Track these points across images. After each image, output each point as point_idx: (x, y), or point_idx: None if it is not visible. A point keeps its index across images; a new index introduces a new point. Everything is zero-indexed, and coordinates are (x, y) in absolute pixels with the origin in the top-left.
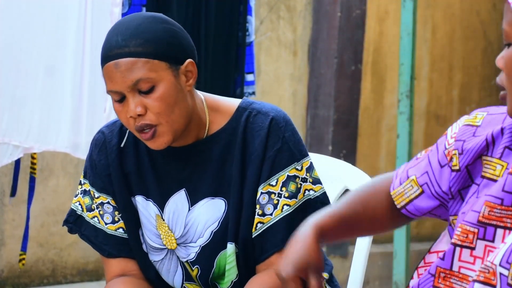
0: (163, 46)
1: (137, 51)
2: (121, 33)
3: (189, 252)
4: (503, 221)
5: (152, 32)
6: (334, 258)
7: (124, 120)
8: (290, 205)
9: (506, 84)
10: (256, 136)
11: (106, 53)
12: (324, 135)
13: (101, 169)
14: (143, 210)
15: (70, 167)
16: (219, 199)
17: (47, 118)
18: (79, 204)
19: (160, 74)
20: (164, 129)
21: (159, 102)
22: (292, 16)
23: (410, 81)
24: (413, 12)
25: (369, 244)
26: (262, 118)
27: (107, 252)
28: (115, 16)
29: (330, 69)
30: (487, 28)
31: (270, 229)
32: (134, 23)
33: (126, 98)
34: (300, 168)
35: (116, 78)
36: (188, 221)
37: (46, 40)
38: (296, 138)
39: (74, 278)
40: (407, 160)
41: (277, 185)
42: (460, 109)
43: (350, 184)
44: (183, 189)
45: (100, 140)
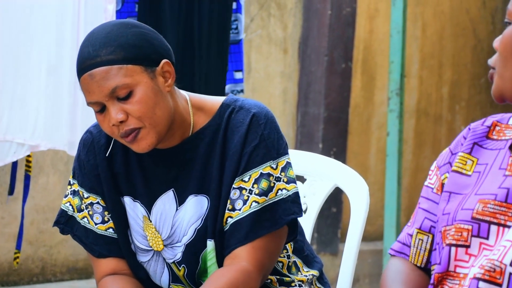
0: (134, 50)
1: (108, 59)
2: (91, 44)
3: (176, 253)
4: (496, 217)
5: (122, 37)
6: (324, 256)
7: (108, 129)
8: (259, 202)
9: (495, 62)
10: (236, 132)
11: (80, 66)
12: (314, 133)
13: (90, 169)
14: (130, 211)
15: (60, 164)
16: (202, 196)
17: (51, 116)
18: (69, 205)
19: (136, 78)
20: (147, 131)
21: (139, 105)
22: (282, 14)
23: (400, 79)
24: (403, 10)
25: (359, 241)
26: (244, 114)
27: (97, 252)
28: (109, 13)
29: (321, 66)
30: (476, 26)
31: (237, 224)
32: (103, 32)
33: (106, 107)
34: (275, 167)
35: (93, 89)
36: (175, 221)
37: (45, 38)
38: (275, 136)
39: (63, 276)
40: (397, 158)
41: (249, 181)
42: (450, 106)
43: (340, 182)
44: (171, 189)
45: (88, 140)
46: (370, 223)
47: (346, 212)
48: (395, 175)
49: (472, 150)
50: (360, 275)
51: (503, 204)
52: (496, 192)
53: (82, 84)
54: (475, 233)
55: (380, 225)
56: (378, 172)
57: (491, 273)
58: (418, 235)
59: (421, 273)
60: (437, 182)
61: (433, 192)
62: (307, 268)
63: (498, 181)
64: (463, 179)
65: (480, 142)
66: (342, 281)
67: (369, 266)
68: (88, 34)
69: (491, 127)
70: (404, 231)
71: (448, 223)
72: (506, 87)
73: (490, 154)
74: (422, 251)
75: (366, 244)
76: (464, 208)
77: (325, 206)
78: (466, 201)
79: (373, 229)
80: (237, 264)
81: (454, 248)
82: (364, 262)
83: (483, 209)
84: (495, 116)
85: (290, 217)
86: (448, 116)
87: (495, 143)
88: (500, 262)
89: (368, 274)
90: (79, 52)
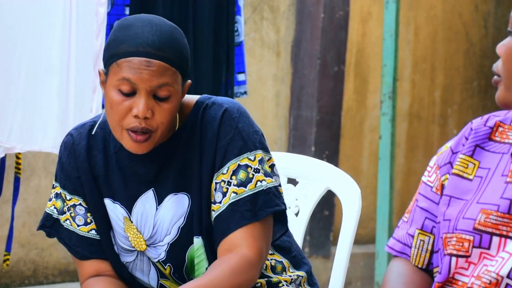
0: (187, 63)
1: (171, 59)
2: (156, 34)
3: (159, 252)
4: (498, 229)
5: (182, 46)
6: (316, 259)
7: (120, 113)
8: (237, 193)
9: (501, 71)
10: (209, 128)
11: (137, 47)
12: (307, 136)
13: (71, 172)
14: (111, 213)
15: (52, 167)
16: (182, 194)
17: (32, 118)
18: (54, 208)
19: (177, 88)
20: (156, 136)
21: (167, 113)
22: (275, 17)
23: (392, 82)
24: (396, 13)
25: (350, 244)
26: (216, 109)
27: (80, 254)
28: (100, 16)
29: (313, 70)
30: (469, 29)
31: (219, 217)
32: (166, 28)
33: (138, 95)
34: (253, 159)
35: (143, 74)
36: (156, 221)
37: (30, 40)
38: (250, 130)
39: (55, 279)
40: (389, 161)
41: (227, 173)
42: (442, 110)
43: (332, 185)
44: (151, 189)
45: (69, 142)
46: (362, 226)
47: (338, 215)
48: (388, 178)
49: (474, 153)
50: (352, 278)
51: (505, 216)
52: (499, 202)
53: (129, 63)
54: (477, 244)
55: (372, 228)
56: (371, 175)
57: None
58: (419, 236)
59: (423, 274)
60: (437, 181)
61: (432, 191)
62: (293, 269)
63: (500, 189)
64: (464, 184)
65: (482, 144)
66: (334, 284)
67: (361, 269)
68: (141, 18)
69: (494, 127)
70: (401, 227)
71: (449, 230)
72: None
73: (493, 158)
74: (423, 252)
75: (358, 247)
76: (465, 217)
77: (317, 209)
78: (468, 209)
79: (365, 232)
80: (238, 252)
81: (454, 258)
82: (356, 265)
83: (485, 220)
84: (497, 114)
85: (273, 208)
86: (440, 120)
87: (498, 145)
88: (496, 274)
89: (360, 277)
90: (133, 32)
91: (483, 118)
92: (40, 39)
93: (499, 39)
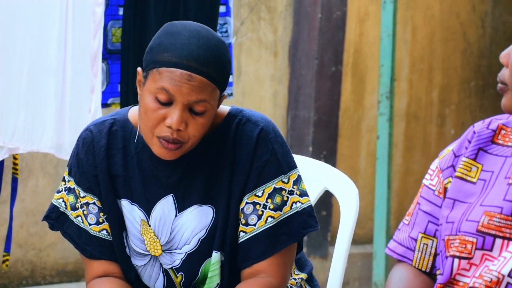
0: (226, 79)
1: (213, 76)
2: (202, 48)
3: (174, 259)
4: (502, 231)
5: (226, 61)
6: (314, 259)
7: (153, 120)
8: (274, 217)
9: (509, 81)
10: (244, 145)
11: (181, 59)
12: (304, 136)
13: (88, 169)
14: (128, 214)
15: (49, 167)
16: (207, 207)
17: (32, 119)
18: (62, 201)
19: (214, 103)
20: (187, 147)
21: (201, 127)
22: (272, 17)
23: (390, 83)
24: (393, 13)
25: (348, 244)
26: (252, 127)
27: (89, 253)
28: (97, 16)
29: (311, 70)
30: (466, 29)
31: (253, 239)
32: (212, 42)
33: (174, 106)
34: (287, 181)
35: (183, 88)
36: (175, 228)
37: (29, 40)
38: (284, 150)
39: (53, 279)
40: (387, 161)
41: (263, 196)
42: (439, 110)
43: (330, 185)
44: (171, 194)
45: (88, 138)
46: (360, 226)
47: (336, 216)
48: (385, 178)
49: (477, 156)
50: (350, 278)
51: (509, 218)
52: (502, 204)
53: (171, 74)
54: (479, 246)
55: (370, 228)
56: (368, 175)
57: (488, 283)
58: (422, 240)
59: (425, 278)
60: (439, 185)
61: (434, 194)
62: (297, 271)
63: (503, 191)
64: (468, 187)
65: (485, 147)
66: (332, 284)
67: (359, 269)
68: (190, 28)
69: (497, 130)
70: (402, 230)
71: (452, 232)
72: None
73: (496, 161)
74: (427, 255)
75: (356, 247)
76: (469, 220)
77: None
78: (471, 211)
79: (363, 232)
80: (262, 279)
81: (457, 260)
82: (354, 265)
83: (488, 222)
84: (500, 118)
85: (307, 230)
86: (438, 120)
87: (501, 148)
88: (498, 273)
89: (358, 278)
90: (178, 42)
91: (485, 122)
92: (38, 39)
93: (496, 39)
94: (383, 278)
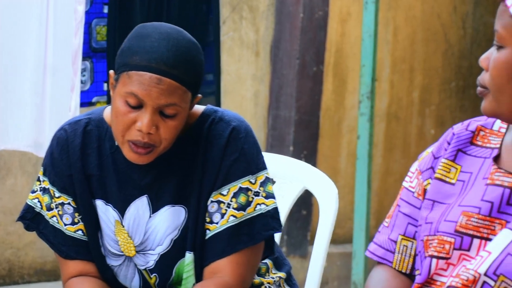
0: (199, 81)
1: (183, 79)
2: (172, 50)
3: (148, 260)
4: (479, 231)
5: (197, 63)
6: (294, 258)
7: (124, 124)
8: (237, 216)
9: (489, 85)
10: (215, 144)
11: (150, 62)
12: (285, 136)
13: (63, 169)
14: (102, 214)
15: (28, 166)
16: (179, 207)
17: (6, 117)
18: (38, 201)
19: (185, 106)
20: (158, 150)
21: (172, 130)
22: (254, 17)
23: (371, 83)
24: (375, 14)
25: (327, 244)
26: (224, 126)
27: (65, 253)
28: (78, 14)
29: (292, 69)
30: (447, 30)
31: (215, 237)
32: (183, 44)
33: (144, 110)
34: (254, 182)
35: (152, 92)
36: (148, 228)
37: (8, 37)
38: (254, 151)
39: (31, 278)
40: (367, 161)
41: (227, 194)
42: (420, 110)
43: (309, 184)
44: (145, 195)
45: (62, 138)
46: (339, 226)
47: (316, 215)
48: (365, 178)
49: (456, 157)
50: (329, 278)
51: (486, 218)
52: (480, 205)
53: (140, 77)
54: (457, 246)
55: (350, 228)
56: (349, 175)
57: (464, 282)
58: (402, 242)
59: (404, 278)
60: (418, 187)
61: (414, 196)
62: (275, 270)
63: (481, 192)
64: (447, 188)
65: (464, 149)
66: (310, 283)
67: (338, 268)
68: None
69: (475, 132)
70: (382, 232)
71: (431, 232)
72: (502, 111)
73: (475, 162)
74: (407, 257)
75: (336, 247)
76: (447, 220)
77: (295, 208)
78: (450, 212)
79: (343, 232)
80: (218, 278)
81: (435, 260)
82: (333, 265)
83: (466, 222)
84: (478, 119)
85: (269, 232)
86: (418, 120)
87: (480, 150)
88: (474, 271)
89: (337, 277)
90: (148, 45)
91: (464, 123)
92: (17, 36)
93: (477, 40)
94: (362, 278)
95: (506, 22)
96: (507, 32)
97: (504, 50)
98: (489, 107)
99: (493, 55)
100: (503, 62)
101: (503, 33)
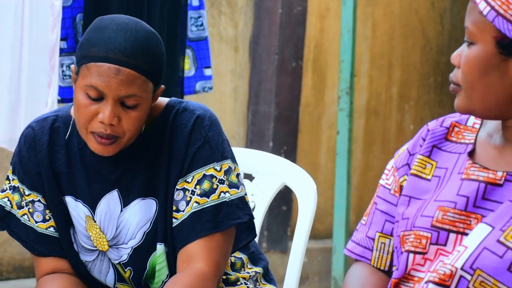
0: (160, 70)
1: (142, 68)
2: (130, 40)
3: (121, 254)
4: (455, 226)
5: (157, 53)
6: (274, 254)
7: (86, 116)
8: (200, 202)
9: (461, 82)
10: (180, 133)
11: (108, 53)
12: (265, 131)
13: (31, 167)
14: (72, 211)
15: (6, 162)
16: (150, 199)
17: None
18: (7, 200)
19: (147, 96)
20: (122, 141)
21: (135, 121)
22: (233, 12)
23: (350, 78)
24: (354, 9)
25: (306, 239)
26: (188, 116)
27: (37, 251)
28: (56, 9)
29: (271, 65)
30: (425, 26)
31: (181, 225)
32: (141, 34)
33: (105, 102)
34: (219, 169)
35: (111, 83)
36: (120, 223)
37: None
38: (219, 139)
39: (10, 275)
40: (347, 157)
41: (192, 182)
42: (399, 106)
43: (288, 180)
44: (116, 189)
45: (29, 136)
46: (320, 222)
47: (296, 211)
48: (345, 173)
49: (431, 153)
50: (309, 273)
51: (462, 213)
52: (456, 199)
53: (98, 69)
54: (434, 241)
55: (330, 224)
56: (328, 170)
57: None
58: (380, 239)
59: (382, 275)
60: (395, 183)
61: (390, 193)
62: (251, 265)
63: (456, 186)
64: (423, 184)
65: (439, 145)
66: (289, 278)
67: (319, 264)
68: (116, 21)
69: (450, 128)
70: (360, 230)
71: (407, 228)
72: (475, 107)
73: (450, 158)
74: (385, 254)
75: (316, 242)
76: (423, 215)
77: (275, 204)
78: (426, 207)
79: (323, 227)
80: (192, 268)
81: (412, 255)
82: (313, 260)
83: (442, 217)
84: (453, 116)
85: (234, 221)
86: (397, 116)
87: (454, 145)
88: (451, 266)
89: (318, 272)
90: (106, 36)
91: (438, 120)
92: None
93: (455, 36)
94: (342, 273)
95: (476, 18)
96: (477, 29)
97: (474, 47)
98: (462, 103)
99: (464, 51)
100: (474, 59)
101: (473, 30)
